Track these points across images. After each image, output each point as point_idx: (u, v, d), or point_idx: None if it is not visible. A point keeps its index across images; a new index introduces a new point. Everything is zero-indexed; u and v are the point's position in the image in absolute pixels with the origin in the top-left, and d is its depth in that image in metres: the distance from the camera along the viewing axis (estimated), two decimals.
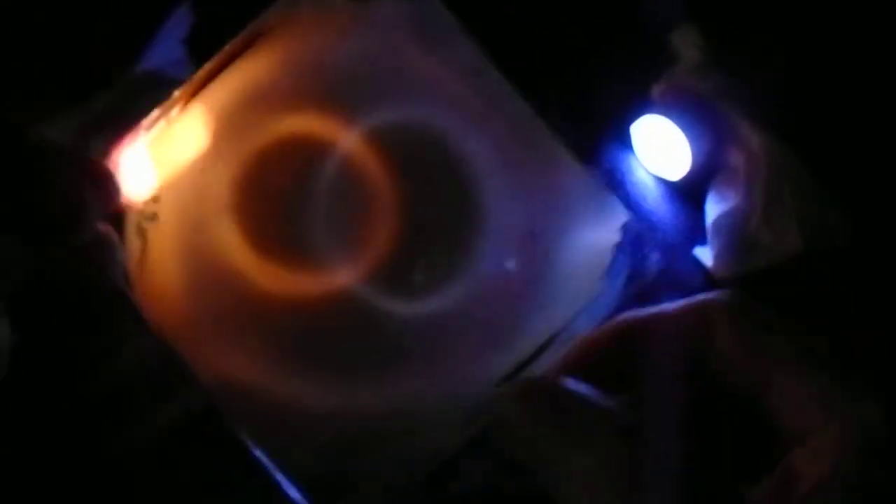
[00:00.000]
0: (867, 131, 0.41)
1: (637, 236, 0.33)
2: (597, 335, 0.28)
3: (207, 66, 0.34)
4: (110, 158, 0.39)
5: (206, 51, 0.41)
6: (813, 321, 0.29)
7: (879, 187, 0.41)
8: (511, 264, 0.33)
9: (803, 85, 0.41)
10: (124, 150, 0.40)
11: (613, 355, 0.27)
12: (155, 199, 0.34)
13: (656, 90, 0.44)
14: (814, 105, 0.41)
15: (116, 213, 0.34)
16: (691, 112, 0.42)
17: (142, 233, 0.34)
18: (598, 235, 0.33)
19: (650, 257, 0.33)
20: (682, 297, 0.43)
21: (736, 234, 0.42)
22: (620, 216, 0.34)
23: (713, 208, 0.43)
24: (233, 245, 0.33)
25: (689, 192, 0.44)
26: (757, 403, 0.25)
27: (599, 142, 0.42)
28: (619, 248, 0.33)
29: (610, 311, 0.32)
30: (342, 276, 0.33)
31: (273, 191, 0.34)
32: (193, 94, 0.34)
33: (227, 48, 0.34)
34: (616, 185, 0.42)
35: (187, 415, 0.36)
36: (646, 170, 0.44)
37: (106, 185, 0.31)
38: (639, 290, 0.32)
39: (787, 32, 0.42)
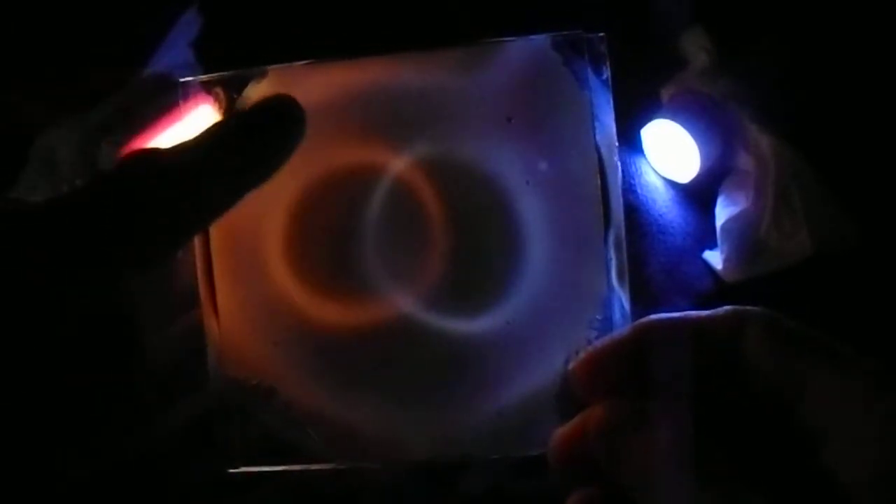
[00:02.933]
0: (877, 135, 0.41)
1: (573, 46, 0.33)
2: (624, 336, 0.28)
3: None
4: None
5: (214, 54, 0.42)
6: (824, 323, 0.29)
7: (888, 189, 0.41)
8: (547, 290, 0.33)
9: (812, 88, 0.41)
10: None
11: (638, 356, 0.28)
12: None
13: (665, 94, 0.44)
14: (823, 108, 0.41)
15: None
16: (700, 115, 0.43)
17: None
18: None
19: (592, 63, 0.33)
20: (692, 299, 0.44)
21: (745, 237, 0.42)
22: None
23: (723, 211, 0.43)
24: (287, 277, 0.34)
25: (698, 195, 0.44)
26: (786, 408, 0.25)
27: None
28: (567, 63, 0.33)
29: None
30: (394, 304, 0.33)
31: (325, 222, 0.34)
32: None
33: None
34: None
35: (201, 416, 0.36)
36: (656, 173, 0.44)
37: None
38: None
39: (796, 36, 0.42)
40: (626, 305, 0.33)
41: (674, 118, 0.42)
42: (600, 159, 0.34)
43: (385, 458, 0.33)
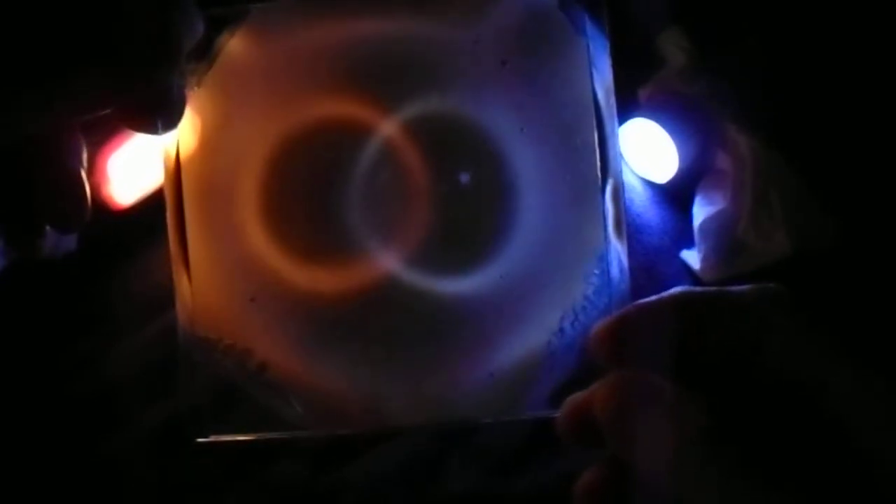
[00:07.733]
0: (854, 133, 0.41)
1: None
2: (653, 304, 0.27)
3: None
4: (96, 163, 0.39)
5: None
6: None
7: (867, 189, 0.41)
8: (542, 244, 0.32)
9: (790, 87, 0.41)
10: (111, 153, 0.39)
11: (667, 325, 0.26)
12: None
13: (643, 93, 0.44)
14: (800, 107, 0.41)
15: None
16: (678, 115, 0.42)
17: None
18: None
19: None
20: None
21: (723, 236, 0.42)
22: None
23: (700, 211, 0.43)
24: (263, 231, 0.32)
25: (676, 195, 0.44)
26: (815, 390, 0.24)
27: None
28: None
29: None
30: (379, 262, 0.32)
31: (306, 172, 0.32)
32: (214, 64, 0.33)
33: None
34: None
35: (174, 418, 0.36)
36: (633, 172, 0.43)
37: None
38: None
39: (773, 35, 0.42)
40: (625, 260, 0.32)
41: (651, 117, 0.42)
42: (597, 107, 0.33)
43: (368, 425, 0.32)
